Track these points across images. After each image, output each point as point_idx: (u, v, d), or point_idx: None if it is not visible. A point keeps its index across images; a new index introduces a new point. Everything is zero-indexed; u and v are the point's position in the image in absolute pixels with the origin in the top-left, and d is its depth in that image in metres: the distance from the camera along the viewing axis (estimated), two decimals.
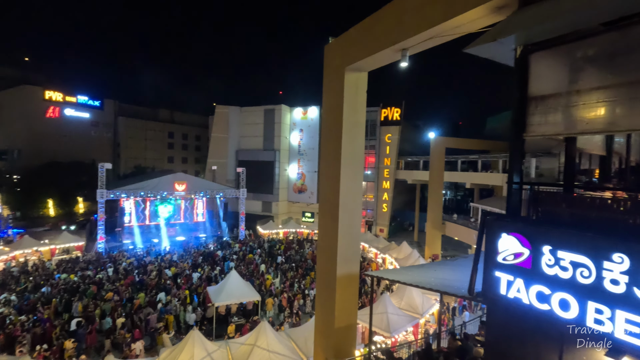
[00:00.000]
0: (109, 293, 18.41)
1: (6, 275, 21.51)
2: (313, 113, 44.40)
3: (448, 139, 31.78)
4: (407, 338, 14.42)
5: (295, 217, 45.02)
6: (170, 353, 10.98)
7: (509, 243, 4.87)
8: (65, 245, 27.45)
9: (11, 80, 63.82)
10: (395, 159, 40.52)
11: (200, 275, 22.01)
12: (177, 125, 78.38)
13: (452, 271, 9.00)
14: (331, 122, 10.07)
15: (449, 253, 32.83)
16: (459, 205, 52.42)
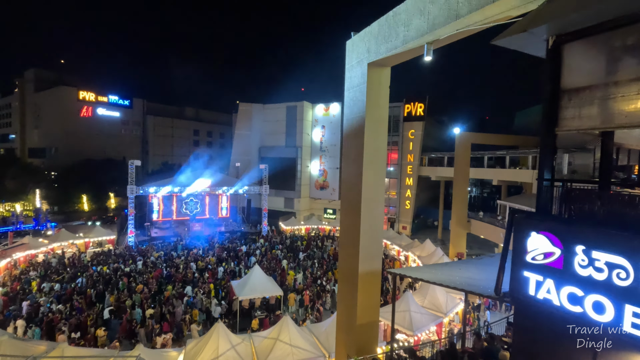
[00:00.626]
0: (139, 285, 19.19)
1: (46, 266, 22.84)
2: (335, 109, 44.27)
3: (474, 135, 30.83)
4: (430, 337, 14.21)
5: (317, 213, 45.19)
6: (197, 344, 11.33)
7: (539, 242, 4.69)
8: (98, 239, 28.83)
9: (49, 82, 67.46)
10: (419, 155, 39.81)
11: (225, 269, 22.54)
12: (202, 123, 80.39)
13: (477, 270, 8.77)
14: (353, 118, 10.01)
15: (474, 252, 32.00)
16: (485, 203, 50.90)
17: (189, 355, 10.88)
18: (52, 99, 65.40)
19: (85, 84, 67.25)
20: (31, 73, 70.29)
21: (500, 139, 32.95)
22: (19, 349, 10.32)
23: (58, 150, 64.92)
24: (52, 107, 65.71)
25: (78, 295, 17.81)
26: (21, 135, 74.63)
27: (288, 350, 11.16)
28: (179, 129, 76.42)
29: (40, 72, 69.94)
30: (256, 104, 48.62)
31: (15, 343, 10.81)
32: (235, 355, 10.83)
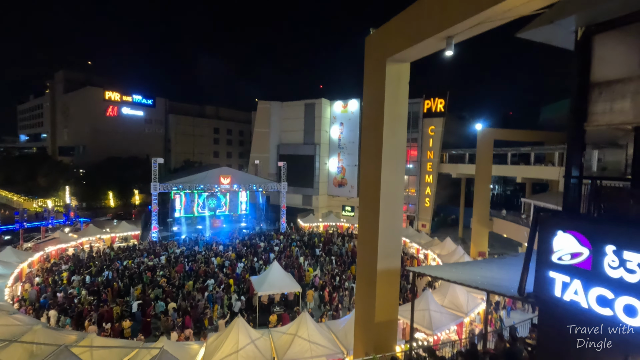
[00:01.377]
0: (163, 279, 19.79)
1: (75, 259, 23.89)
2: (353, 106, 44.03)
3: (497, 131, 29.96)
4: (451, 337, 13.99)
5: (335, 210, 45.18)
6: (217, 338, 11.59)
7: (566, 242, 4.52)
8: (123, 234, 29.88)
9: (77, 83, 70.19)
10: (439, 152, 39.08)
11: (244, 265, 22.91)
12: (222, 121, 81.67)
13: (500, 270, 8.56)
14: (372, 115, 9.92)
15: (496, 251, 31.22)
16: (508, 201, 49.44)
17: (210, 348, 11.14)
18: (80, 99, 68.03)
19: (110, 84, 69.60)
20: (61, 74, 73.32)
21: (525, 134, 31.90)
22: (52, 337, 10.86)
23: (86, 148, 67.53)
24: (80, 107, 68.38)
25: (105, 288, 18.54)
26: (52, 135, 78.10)
27: (306, 347, 11.25)
28: (199, 127, 77.92)
29: (69, 73, 72.84)
30: (275, 101, 48.96)
31: (48, 332, 11.39)
32: (255, 350, 11.01)
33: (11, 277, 17.70)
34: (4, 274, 17.67)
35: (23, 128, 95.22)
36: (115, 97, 68.01)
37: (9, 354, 9.91)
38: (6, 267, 18.50)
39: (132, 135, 69.44)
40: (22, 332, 11.08)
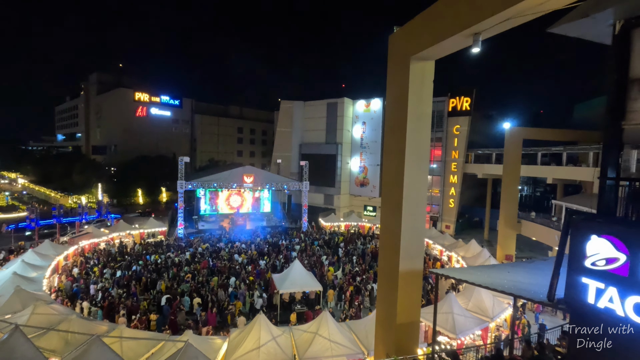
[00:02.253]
0: (188, 274, 20.37)
1: (106, 253, 25.00)
2: (376, 105, 43.64)
3: (526, 130, 28.80)
4: (475, 342, 13.62)
5: (357, 210, 44.97)
6: (239, 334, 11.81)
7: (601, 246, 4.31)
8: (151, 230, 30.96)
9: (109, 84, 73.39)
10: (464, 152, 38.09)
11: (266, 262, 23.22)
12: (245, 120, 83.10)
13: (528, 274, 8.25)
14: (395, 114, 9.80)
15: (524, 254, 30.10)
16: (537, 203, 47.51)
17: (233, 343, 11.37)
18: (112, 100, 71.12)
19: (140, 85, 72.30)
20: (94, 77, 76.89)
21: (557, 134, 30.51)
22: (85, 327, 11.43)
23: (117, 147, 70.53)
24: (111, 108, 71.50)
25: (134, 282, 19.30)
26: (86, 134, 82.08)
27: (327, 345, 11.27)
28: (223, 126, 79.57)
29: (101, 75, 76.31)
30: (297, 101, 49.28)
31: (82, 322, 11.99)
32: (276, 347, 11.14)
33: (49, 269, 18.73)
34: (42, 266, 18.72)
35: (60, 128, 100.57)
36: (145, 98, 70.57)
37: (47, 341, 10.51)
38: (44, 259, 19.59)
39: (160, 134, 71.87)
40: (59, 321, 11.72)
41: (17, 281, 15.33)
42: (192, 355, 7.77)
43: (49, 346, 10.26)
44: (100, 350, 7.73)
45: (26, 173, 77.33)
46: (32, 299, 13.52)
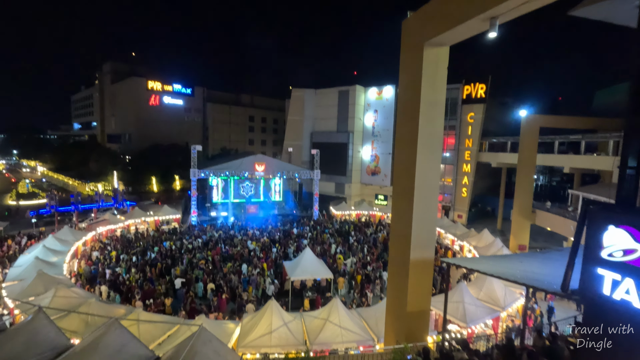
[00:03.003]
0: (202, 260, 20.81)
1: (123, 240, 25.69)
2: (388, 93, 43.00)
3: (543, 117, 28.00)
4: (486, 331, 13.62)
5: (368, 199, 44.89)
6: (252, 319, 12.08)
7: (618, 237, 4.20)
8: (166, 217, 31.59)
9: (123, 73, 74.10)
10: (478, 140, 37.38)
11: (278, 250, 23.52)
12: (256, 109, 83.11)
13: (542, 264, 8.14)
14: (408, 101, 9.65)
15: (538, 244, 29.66)
16: (553, 192, 46.49)
17: (245, 328, 11.64)
18: (126, 89, 71.91)
19: (152, 74, 72.79)
20: (108, 66, 77.72)
21: (575, 121, 29.61)
22: (103, 310, 11.85)
23: (131, 136, 71.63)
24: (125, 97, 72.35)
25: (150, 267, 19.83)
26: (101, 123, 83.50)
27: (337, 332, 11.44)
28: (235, 115, 79.79)
29: (115, 64, 77.06)
30: (308, 89, 48.91)
31: (100, 305, 12.43)
32: (287, 332, 11.36)
33: (68, 254, 19.39)
34: (62, 251, 19.38)
35: (76, 117, 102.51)
36: (157, 87, 71.11)
37: (68, 322, 10.95)
38: (64, 244, 20.27)
39: (172, 123, 72.58)
40: (79, 304, 12.18)
41: (39, 265, 15.93)
42: (206, 339, 7.97)
43: (71, 327, 10.70)
44: (118, 332, 8.00)
45: (45, 161, 79.48)
46: (53, 283, 14.06)
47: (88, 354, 7.44)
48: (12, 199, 44.14)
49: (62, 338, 8.53)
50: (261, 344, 10.86)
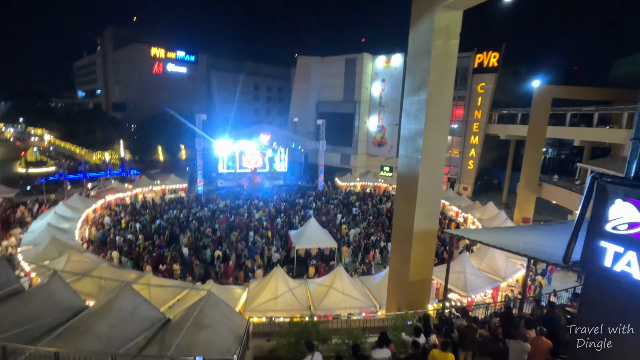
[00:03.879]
0: (208, 229, 21.27)
1: (131, 207, 26.21)
2: (397, 61, 41.69)
3: (556, 88, 27.08)
4: (485, 300, 13.99)
5: (374, 170, 44.83)
6: (258, 285, 12.50)
7: (625, 210, 4.18)
8: (172, 186, 32.00)
9: (125, 39, 72.29)
10: (488, 112, 36.53)
11: (283, 220, 23.89)
12: (261, 77, 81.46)
13: (545, 237, 8.20)
14: (417, 70, 9.37)
15: (543, 217, 29.75)
16: (562, 165, 45.89)
17: (252, 293, 12.08)
18: (128, 56, 70.48)
19: (155, 41, 70.98)
20: (110, 31, 75.76)
21: (589, 92, 28.63)
22: (115, 274, 12.32)
23: (136, 104, 71.08)
24: (128, 64, 71.06)
25: (158, 235, 20.35)
26: (105, 91, 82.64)
27: (340, 298, 11.83)
28: (240, 84, 78.41)
29: (117, 30, 75.03)
30: (314, 57, 47.53)
31: (112, 270, 12.90)
32: (292, 298, 11.78)
33: (79, 221, 19.90)
34: (74, 218, 19.88)
35: (79, 84, 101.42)
36: (160, 54, 69.60)
37: (82, 285, 11.44)
38: (74, 211, 20.75)
39: (177, 91, 71.63)
40: (92, 268, 12.65)
41: (52, 231, 16.41)
42: (214, 303, 8.31)
43: (85, 290, 11.18)
44: (130, 295, 8.36)
45: (51, 129, 79.66)
46: (66, 248, 14.54)
47: (103, 314, 7.83)
48: (22, 167, 44.77)
49: (78, 300, 8.94)
50: (267, 309, 11.31)
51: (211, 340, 7.35)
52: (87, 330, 7.39)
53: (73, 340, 7.07)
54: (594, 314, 4.84)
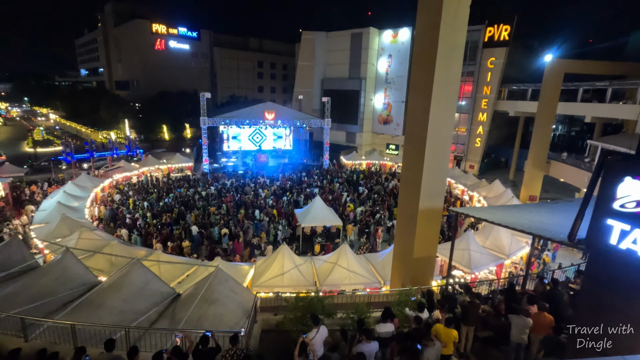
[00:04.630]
0: (212, 208, 21.52)
1: (139, 186, 26.53)
2: (404, 36, 40.47)
3: (569, 62, 26.09)
4: (488, 277, 14.16)
5: (379, 148, 44.51)
6: (264, 262, 12.75)
7: (633, 188, 4.14)
8: (178, 165, 32.20)
9: (125, 15, 70.71)
10: (497, 88, 35.65)
11: (289, 198, 24.06)
12: (265, 54, 79.99)
13: (550, 214, 8.18)
14: (425, 44, 9.10)
15: (550, 195, 29.57)
16: (571, 142, 45.11)
17: (259, 270, 12.35)
18: (129, 33, 69.28)
19: (156, 16, 69.44)
20: (109, 7, 74.11)
21: (603, 66, 27.58)
22: (125, 251, 12.62)
23: (139, 82, 70.49)
24: (129, 41, 69.95)
25: (166, 213, 20.67)
26: (108, 69, 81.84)
27: (345, 275, 12.06)
28: (243, 60, 77.17)
29: (116, 5, 73.32)
30: (319, 32, 46.30)
31: (122, 247, 13.20)
32: (298, 274, 12.03)
33: (88, 200, 20.24)
34: (82, 197, 20.22)
35: (82, 62, 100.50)
36: (162, 30, 68.36)
37: (94, 262, 11.76)
38: (83, 190, 21.08)
39: (180, 69, 70.80)
40: (103, 245, 12.96)
41: (62, 210, 16.74)
42: (222, 279, 8.52)
43: (97, 266, 11.51)
44: (141, 271, 8.60)
45: (55, 108, 79.73)
46: (77, 226, 14.87)
47: (115, 289, 8.08)
48: (29, 146, 45.22)
49: (91, 275, 9.23)
50: (274, 284, 11.58)
51: (220, 314, 7.59)
52: (101, 304, 7.67)
53: (88, 313, 7.35)
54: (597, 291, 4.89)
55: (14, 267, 8.78)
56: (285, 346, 7.30)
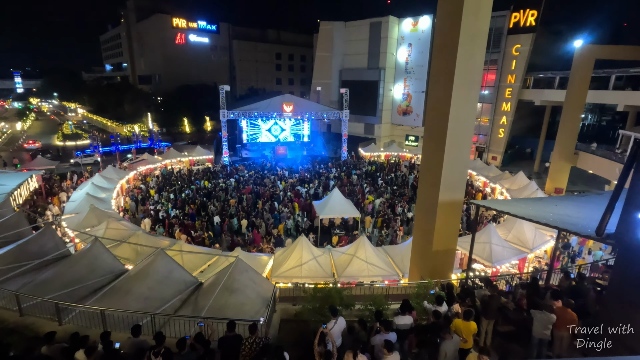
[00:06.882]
0: (232, 200, 21.90)
1: (162, 178, 27.27)
2: (425, 24, 39.42)
3: (600, 47, 24.72)
4: (510, 271, 13.85)
5: (398, 140, 43.91)
6: (283, 252, 12.93)
7: None
8: (199, 157, 32.86)
9: (147, 10, 71.95)
10: (522, 76, 34.31)
11: (307, 190, 24.18)
12: (283, 45, 79.81)
13: (577, 208, 7.90)
14: (446, 32, 8.85)
15: (577, 188, 28.45)
16: (601, 132, 43.01)
17: (277, 261, 12.54)
18: (151, 28, 70.58)
19: (176, 10, 70.38)
20: (132, 2, 75.55)
21: (638, 51, 26.03)
22: (150, 241, 13.07)
23: (161, 77, 71.95)
24: (151, 36, 71.31)
25: (188, 204, 21.21)
26: (131, 64, 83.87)
27: (364, 266, 12.08)
28: (261, 52, 77.29)
29: (138, 0, 74.59)
30: (337, 22, 45.71)
31: (147, 237, 13.68)
32: (317, 265, 12.14)
33: (114, 191, 21.00)
34: (109, 188, 20.99)
35: (107, 58, 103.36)
36: (182, 24, 69.30)
37: (121, 251, 12.25)
38: (110, 182, 21.88)
39: (200, 63, 71.69)
40: (129, 235, 13.47)
41: (91, 201, 17.46)
42: (242, 269, 8.72)
43: (123, 255, 11.99)
44: (165, 260, 8.91)
45: (83, 103, 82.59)
46: (105, 216, 15.48)
47: (142, 277, 8.42)
48: (59, 140, 47.16)
49: (118, 264, 9.64)
50: (292, 275, 11.75)
51: (240, 303, 7.79)
52: (128, 291, 8.01)
53: (116, 300, 7.71)
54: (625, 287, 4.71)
55: (47, 255, 9.28)
56: (303, 335, 7.43)
